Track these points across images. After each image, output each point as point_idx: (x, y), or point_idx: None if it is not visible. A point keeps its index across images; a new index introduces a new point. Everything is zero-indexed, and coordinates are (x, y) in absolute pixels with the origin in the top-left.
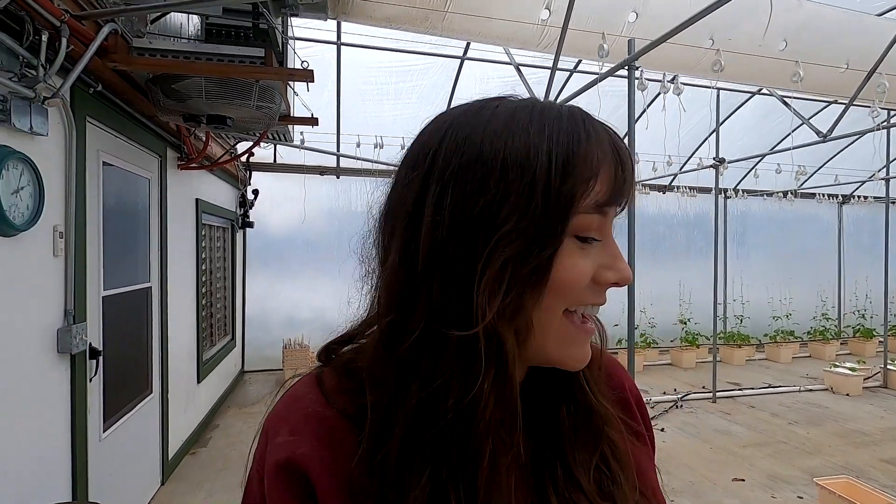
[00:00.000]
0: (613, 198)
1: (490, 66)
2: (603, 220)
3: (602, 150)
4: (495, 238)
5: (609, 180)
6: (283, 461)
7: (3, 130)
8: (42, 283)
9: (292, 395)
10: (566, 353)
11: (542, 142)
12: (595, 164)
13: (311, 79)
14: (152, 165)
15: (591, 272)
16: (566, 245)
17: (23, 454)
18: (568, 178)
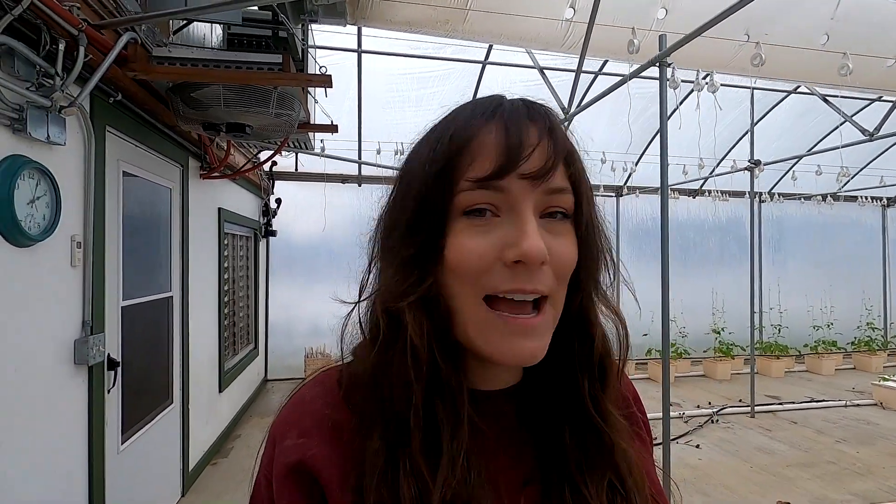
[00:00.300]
0: (496, 172)
1: (513, 70)
2: (503, 196)
3: (482, 127)
4: (397, 227)
5: (495, 155)
6: (294, 464)
7: (19, 140)
8: (59, 294)
9: (299, 399)
10: (489, 345)
11: (431, 136)
12: (464, 139)
13: (330, 84)
14: (174, 175)
15: (488, 251)
16: (457, 225)
17: (39, 468)
18: (437, 158)
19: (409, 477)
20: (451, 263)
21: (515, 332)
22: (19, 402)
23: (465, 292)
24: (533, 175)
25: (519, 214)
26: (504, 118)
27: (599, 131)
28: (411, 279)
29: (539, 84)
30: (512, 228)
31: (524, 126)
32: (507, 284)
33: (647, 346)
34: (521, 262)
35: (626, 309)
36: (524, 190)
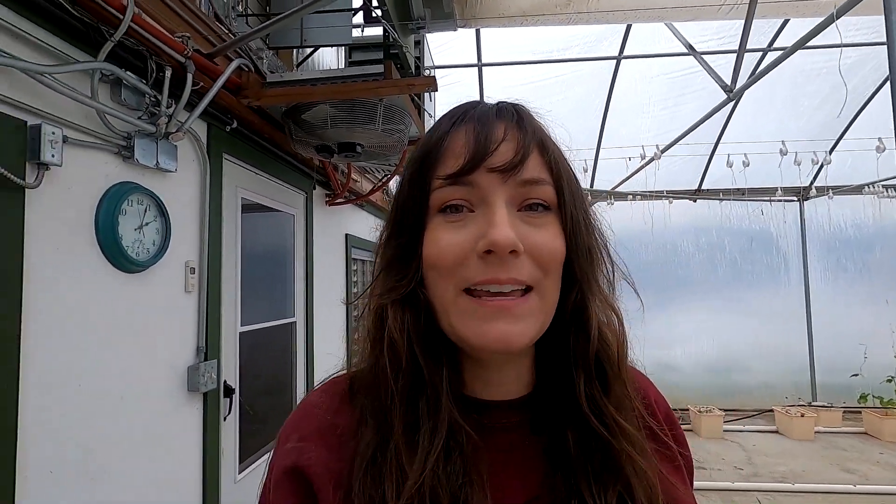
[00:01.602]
0: (468, 165)
1: (654, 62)
2: (474, 190)
3: (456, 128)
4: (386, 234)
5: (464, 152)
6: (289, 467)
7: (129, 167)
8: (172, 319)
9: (305, 405)
10: (467, 329)
11: (419, 143)
12: (438, 140)
13: (434, 87)
14: (297, 202)
15: (462, 244)
16: (434, 223)
17: (151, 498)
18: (416, 163)
19: (391, 467)
20: (427, 259)
21: (491, 315)
22: (130, 431)
23: (445, 286)
24: (502, 168)
25: (489, 206)
26: (474, 119)
27: (772, 117)
28: (394, 278)
29: (684, 74)
30: (483, 221)
31: (490, 123)
32: (482, 275)
33: (859, 391)
34: (493, 252)
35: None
36: (494, 183)
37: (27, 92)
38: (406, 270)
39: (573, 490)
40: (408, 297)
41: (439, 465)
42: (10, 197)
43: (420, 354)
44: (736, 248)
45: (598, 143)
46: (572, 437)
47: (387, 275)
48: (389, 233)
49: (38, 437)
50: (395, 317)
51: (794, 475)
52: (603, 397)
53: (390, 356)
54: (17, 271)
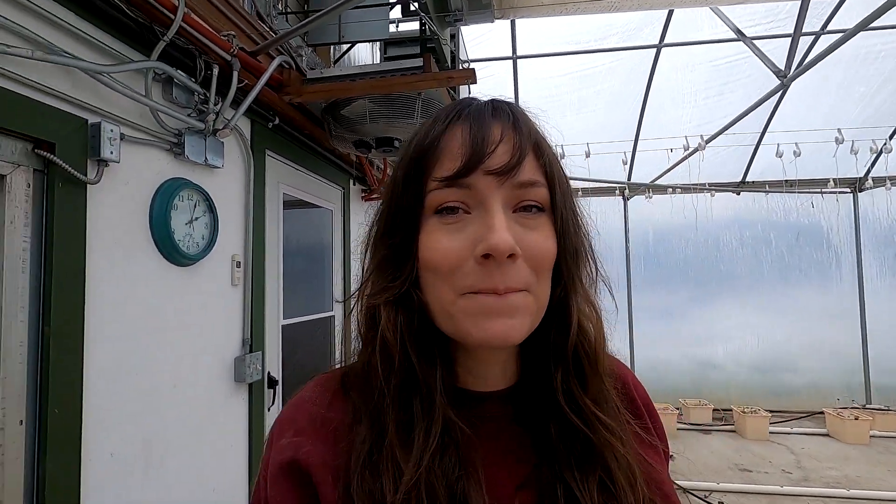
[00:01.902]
0: (465, 167)
1: (696, 49)
2: (471, 193)
3: (452, 129)
4: (377, 231)
5: (461, 153)
6: (287, 461)
7: (180, 163)
8: (219, 312)
9: (298, 400)
10: (469, 326)
11: (411, 140)
12: (434, 141)
13: (474, 80)
14: (335, 197)
15: (459, 249)
16: (429, 224)
17: (200, 484)
18: (410, 162)
19: (388, 464)
20: (424, 261)
21: (486, 311)
22: (183, 418)
23: (443, 288)
24: (499, 170)
25: (487, 209)
26: (469, 118)
27: (824, 104)
28: (387, 279)
29: (730, 62)
30: (481, 224)
31: (487, 123)
32: (481, 283)
33: None
34: (491, 257)
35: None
36: (491, 185)
37: (88, 91)
38: (399, 271)
39: (558, 476)
40: (401, 298)
41: (435, 460)
42: (73, 192)
43: (413, 354)
44: (783, 242)
45: (637, 135)
46: (554, 429)
47: (379, 274)
48: (381, 231)
49: (101, 423)
50: (388, 318)
51: (849, 481)
52: (580, 391)
53: (382, 357)
54: (81, 264)
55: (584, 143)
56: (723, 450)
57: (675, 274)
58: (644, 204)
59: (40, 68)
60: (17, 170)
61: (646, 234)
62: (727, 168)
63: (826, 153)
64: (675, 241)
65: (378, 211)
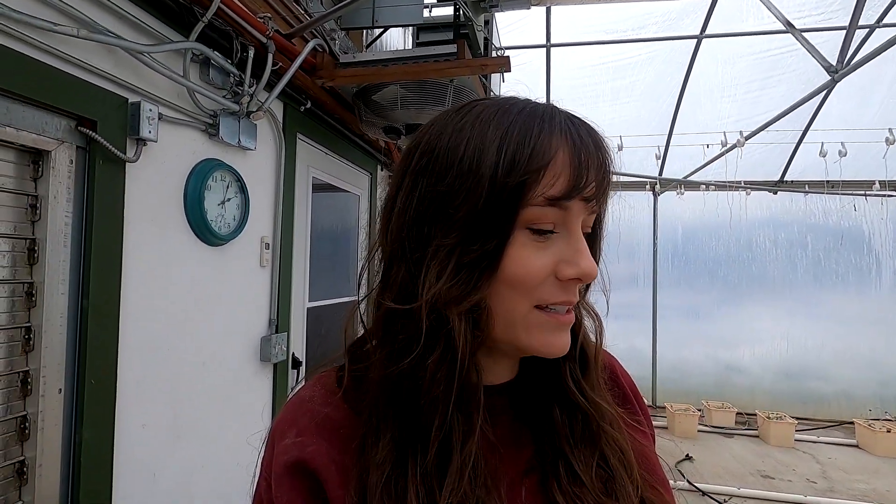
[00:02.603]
0: (569, 192)
1: (738, 41)
2: (563, 214)
3: (556, 145)
4: (445, 226)
5: (566, 175)
6: (293, 462)
7: (213, 144)
8: (248, 292)
9: (298, 399)
10: (537, 342)
11: (495, 137)
12: (543, 157)
13: (508, 67)
14: (363, 182)
15: (547, 267)
16: (518, 238)
17: (225, 461)
18: (513, 170)
19: (416, 484)
20: (509, 276)
21: (561, 329)
22: (211, 394)
23: (518, 301)
24: (590, 198)
25: (574, 234)
26: (573, 136)
27: (876, 102)
28: (467, 286)
29: (774, 55)
30: (567, 246)
31: (588, 147)
32: (558, 297)
33: None
34: (576, 279)
35: None
36: (581, 211)
37: (128, 70)
38: (480, 281)
39: (561, 455)
40: (477, 309)
41: (469, 480)
42: (113, 170)
43: (475, 370)
44: (820, 245)
45: (671, 129)
46: (558, 413)
47: (454, 279)
48: (462, 230)
49: (134, 395)
50: (463, 329)
51: (878, 494)
52: (583, 379)
53: (444, 372)
54: (119, 241)
55: (616, 135)
56: (745, 455)
57: (704, 273)
58: (675, 200)
59: (84, 47)
60: (61, 146)
61: (675, 231)
62: (765, 167)
63: (873, 154)
64: (706, 240)
65: (433, 197)
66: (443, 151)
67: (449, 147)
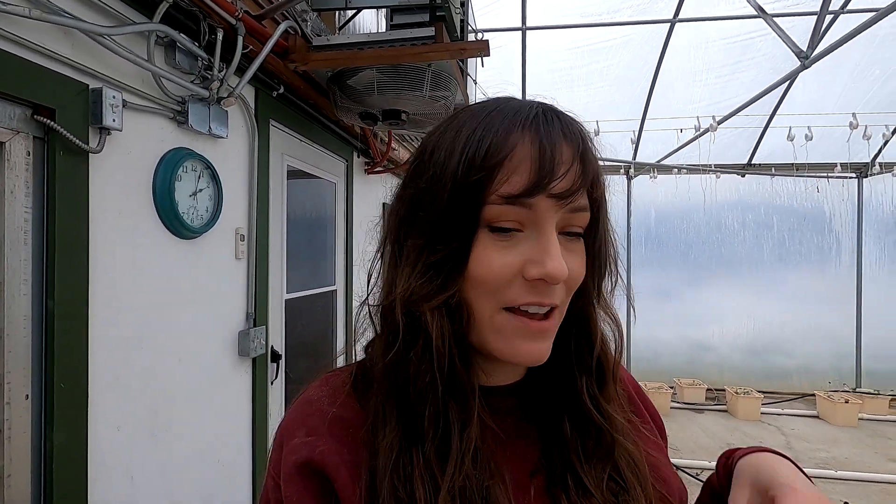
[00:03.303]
0: (529, 190)
1: (710, 26)
2: (529, 212)
3: (514, 141)
4: (417, 228)
5: (525, 172)
6: (302, 461)
7: (183, 132)
8: (223, 286)
9: (306, 399)
10: (507, 347)
11: (464, 138)
12: (498, 154)
13: (487, 52)
14: (338, 170)
15: (512, 266)
16: (480, 238)
17: (204, 457)
18: (472, 169)
19: (420, 468)
20: (474, 276)
21: (530, 335)
22: (188, 392)
23: (485, 302)
24: (560, 195)
25: (543, 233)
26: (539, 132)
27: (838, 87)
28: (434, 284)
29: (744, 40)
30: (535, 246)
31: (558, 144)
32: (526, 298)
33: None
34: (543, 281)
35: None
36: (550, 209)
37: (88, 54)
38: (448, 279)
39: (568, 465)
40: (451, 307)
41: (471, 466)
42: (75, 161)
43: (458, 363)
44: (784, 226)
45: (644, 113)
46: (569, 423)
47: (424, 277)
48: (429, 234)
49: (108, 397)
50: (437, 324)
51: (837, 462)
52: (599, 395)
53: (426, 362)
54: (84, 236)
55: (592, 119)
56: (715, 429)
57: (675, 255)
58: (648, 184)
59: (38, 28)
60: (17, 136)
61: (648, 214)
62: (733, 150)
63: (835, 138)
64: (677, 223)
65: (415, 198)
66: (427, 156)
67: (432, 151)
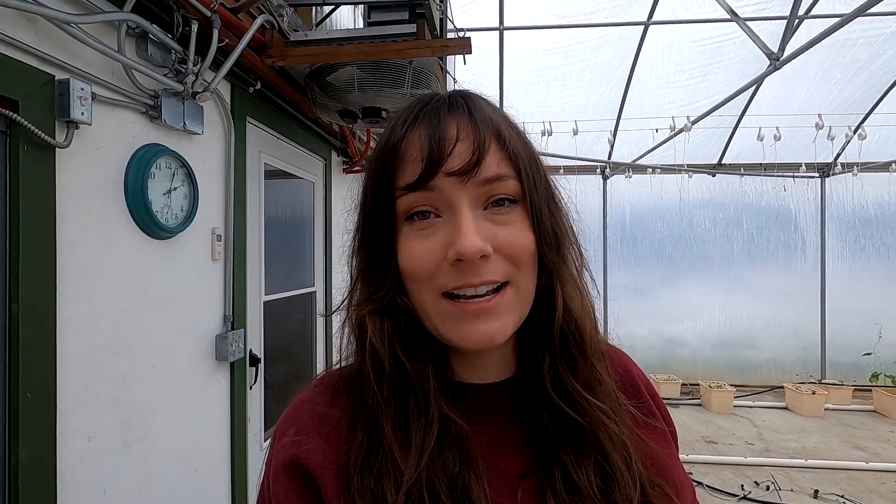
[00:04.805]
0: (424, 174)
1: (683, 29)
2: (437, 195)
3: (410, 132)
4: (357, 237)
5: (420, 157)
6: (288, 460)
7: (156, 128)
8: (200, 288)
9: (300, 400)
10: (449, 332)
11: (381, 142)
12: (396, 147)
13: (469, 49)
14: (317, 169)
15: (435, 252)
16: (403, 231)
17: (183, 463)
18: (381, 168)
19: (387, 465)
20: (403, 269)
21: (470, 317)
22: (163, 399)
23: (423, 292)
24: (460, 170)
25: (455, 212)
26: (426, 118)
27: (803, 90)
28: (370, 289)
29: (716, 43)
30: (451, 227)
31: (443, 122)
32: (455, 281)
33: (870, 370)
34: (462, 261)
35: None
36: (455, 186)
37: (53, 44)
38: (381, 281)
39: (555, 461)
40: (386, 306)
41: (434, 458)
42: (40, 157)
43: (404, 357)
44: (753, 224)
45: (619, 114)
46: (546, 414)
47: (363, 284)
48: (360, 242)
49: (77, 406)
50: (374, 326)
51: (806, 451)
52: (569, 376)
53: (373, 364)
54: (51, 237)
55: (569, 119)
56: (690, 423)
57: (650, 253)
58: (623, 183)
59: None
60: None
61: (623, 213)
62: (703, 150)
63: (800, 138)
64: (651, 221)
65: (355, 221)
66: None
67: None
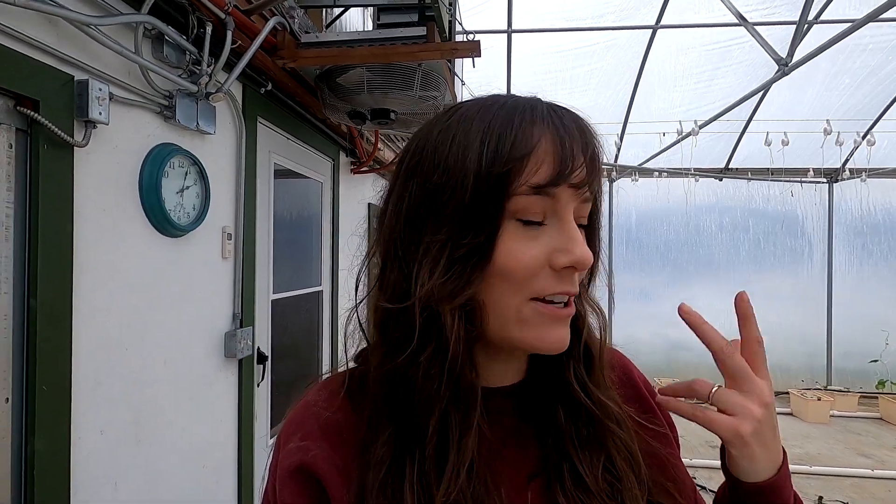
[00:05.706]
0: (554, 179)
1: (691, 33)
2: (552, 202)
3: (538, 133)
4: (435, 223)
5: (550, 163)
6: (295, 466)
7: (170, 128)
8: (210, 285)
9: (304, 404)
10: (530, 336)
11: (478, 131)
12: (525, 145)
13: (478, 52)
14: (325, 169)
15: (539, 257)
16: (507, 229)
17: (190, 460)
18: (496, 161)
19: (413, 483)
20: (501, 268)
21: (556, 322)
22: (173, 395)
23: (512, 294)
24: (578, 185)
25: (565, 222)
26: (556, 124)
27: (811, 95)
28: (459, 281)
29: (724, 47)
30: (559, 235)
31: (573, 135)
32: (554, 288)
33: (876, 377)
34: (570, 268)
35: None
36: (570, 198)
37: (73, 45)
38: (472, 275)
39: (565, 461)
40: (469, 306)
41: (466, 478)
42: (59, 155)
43: (467, 367)
44: (760, 229)
45: (626, 117)
46: (563, 413)
47: (447, 275)
48: (451, 225)
49: (91, 399)
50: (456, 326)
51: (810, 458)
52: (587, 378)
53: (437, 369)
54: (68, 233)
55: None
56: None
57: (655, 257)
58: (629, 187)
59: (21, 16)
60: None
61: (629, 216)
62: (710, 154)
63: (808, 143)
64: (657, 225)
65: (423, 195)
66: (430, 151)
67: (436, 146)
